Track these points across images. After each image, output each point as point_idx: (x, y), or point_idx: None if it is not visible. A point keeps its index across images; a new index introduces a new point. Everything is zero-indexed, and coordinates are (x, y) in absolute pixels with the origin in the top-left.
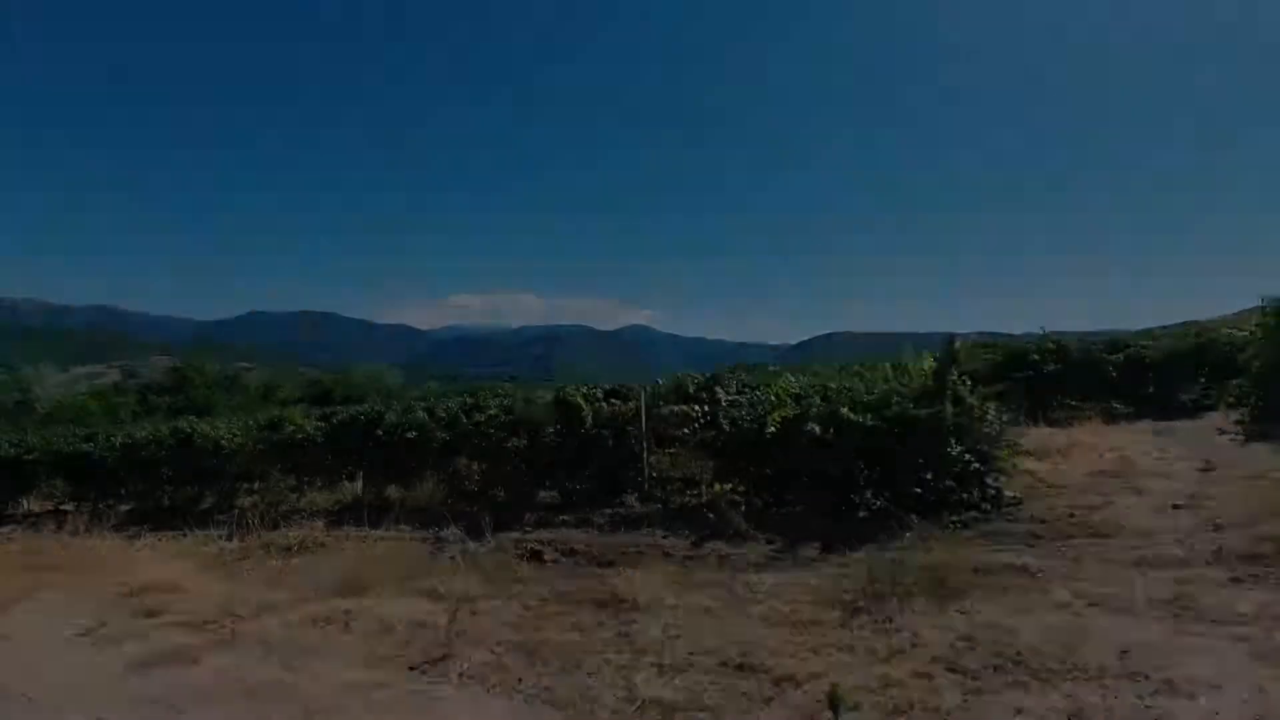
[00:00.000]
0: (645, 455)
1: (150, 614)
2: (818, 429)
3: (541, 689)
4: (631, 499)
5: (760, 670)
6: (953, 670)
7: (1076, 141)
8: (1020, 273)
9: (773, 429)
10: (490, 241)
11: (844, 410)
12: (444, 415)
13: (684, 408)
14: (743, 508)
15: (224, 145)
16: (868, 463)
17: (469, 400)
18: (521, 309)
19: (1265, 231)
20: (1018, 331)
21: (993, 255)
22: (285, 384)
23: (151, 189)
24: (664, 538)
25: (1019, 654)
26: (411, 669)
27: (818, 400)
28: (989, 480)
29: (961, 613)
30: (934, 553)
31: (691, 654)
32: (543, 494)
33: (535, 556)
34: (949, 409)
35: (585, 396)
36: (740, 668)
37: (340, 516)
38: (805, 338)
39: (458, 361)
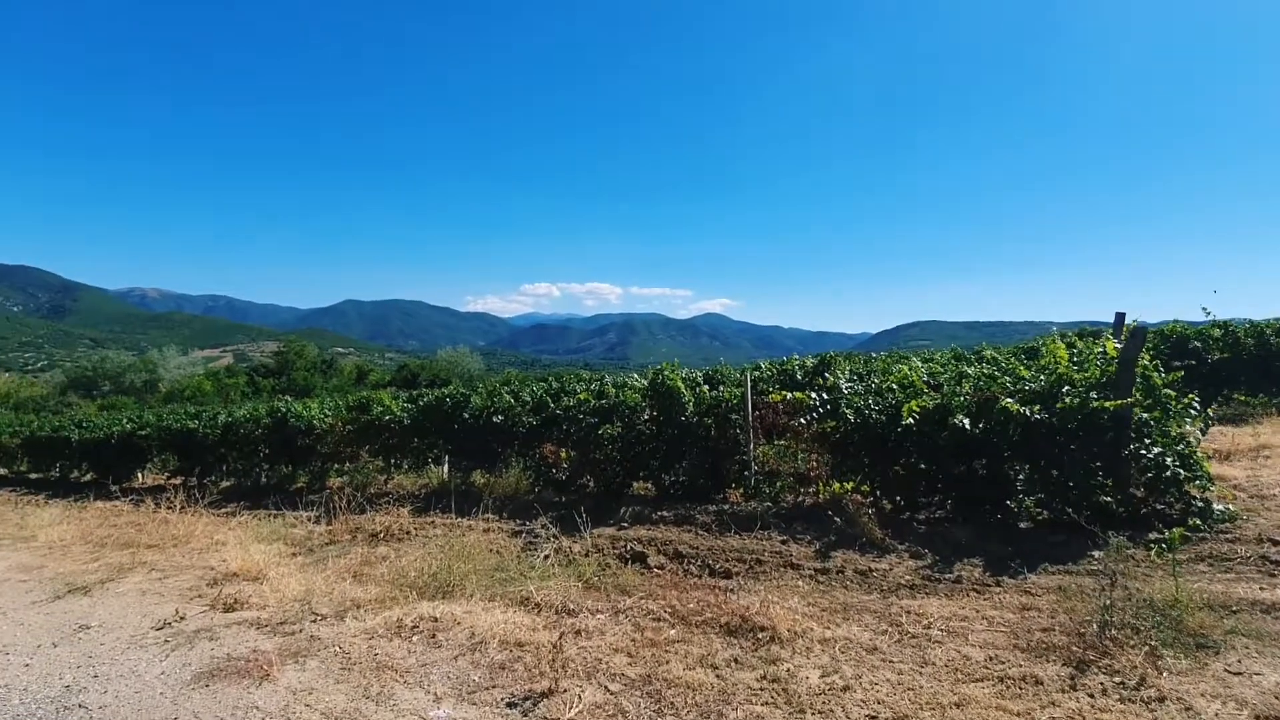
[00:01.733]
0: (752, 447)
1: (228, 608)
2: (966, 422)
3: None
4: (735, 495)
5: None
6: None
7: (1188, 118)
8: (1123, 258)
9: (909, 421)
10: (568, 231)
11: (1006, 401)
12: (529, 400)
13: (798, 394)
14: (869, 511)
15: (324, 146)
16: (1028, 464)
17: (555, 384)
18: (597, 297)
19: None
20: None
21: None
22: (376, 368)
23: (260, 189)
24: (783, 543)
25: None
26: (511, 705)
27: (965, 388)
28: (1192, 490)
29: (1235, 673)
30: (1151, 582)
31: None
32: (636, 486)
33: (638, 559)
34: (1139, 401)
35: (685, 381)
36: None
37: (427, 502)
38: (887, 326)
39: (534, 348)
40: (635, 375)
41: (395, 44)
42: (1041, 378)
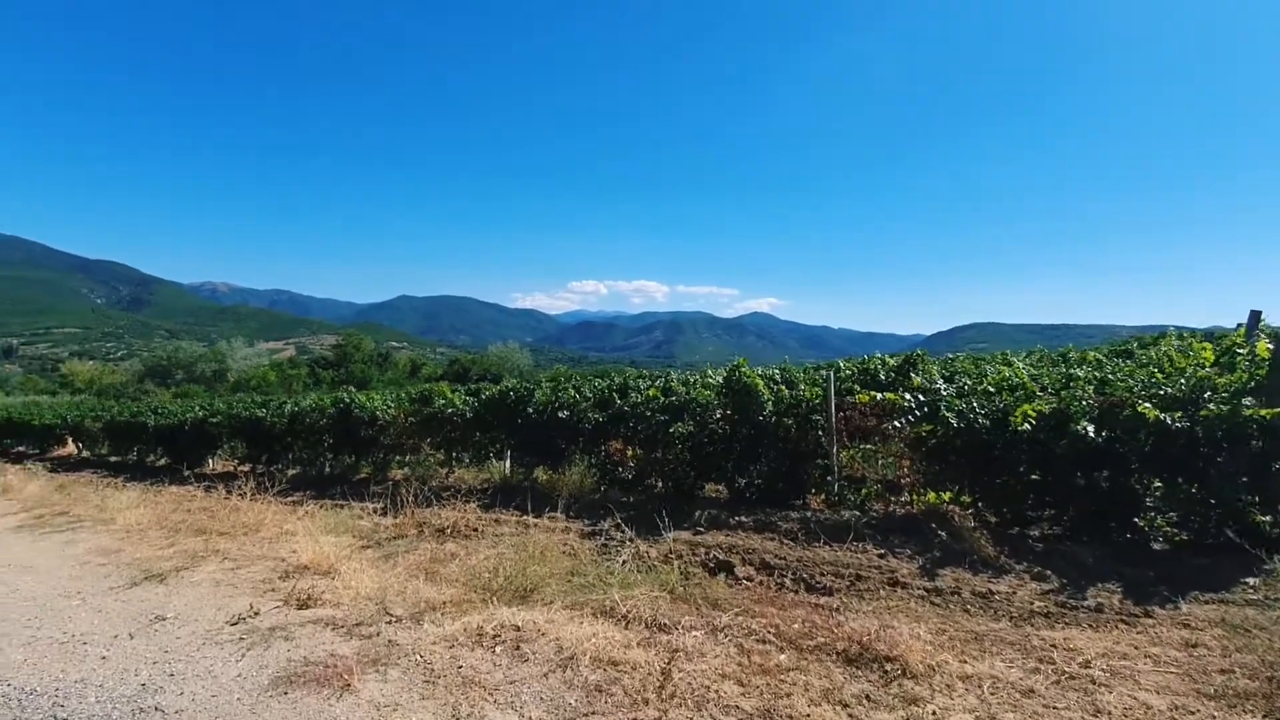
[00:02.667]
0: (835, 450)
1: (302, 604)
2: (1090, 429)
3: None
4: (816, 501)
5: None
6: None
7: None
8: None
9: (1025, 426)
10: (616, 229)
11: (1143, 406)
12: (590, 395)
13: (889, 395)
14: (977, 525)
15: (380, 143)
16: (1160, 477)
17: (617, 381)
18: (644, 295)
19: None
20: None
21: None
22: (428, 362)
23: (321, 187)
24: (880, 557)
25: None
26: None
27: (1088, 391)
28: None
29: None
30: None
31: None
32: (708, 488)
33: (724, 569)
34: None
35: (764, 379)
36: None
37: (492, 498)
38: (942, 328)
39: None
40: (678, 373)
41: (435, 42)
42: (1182, 380)
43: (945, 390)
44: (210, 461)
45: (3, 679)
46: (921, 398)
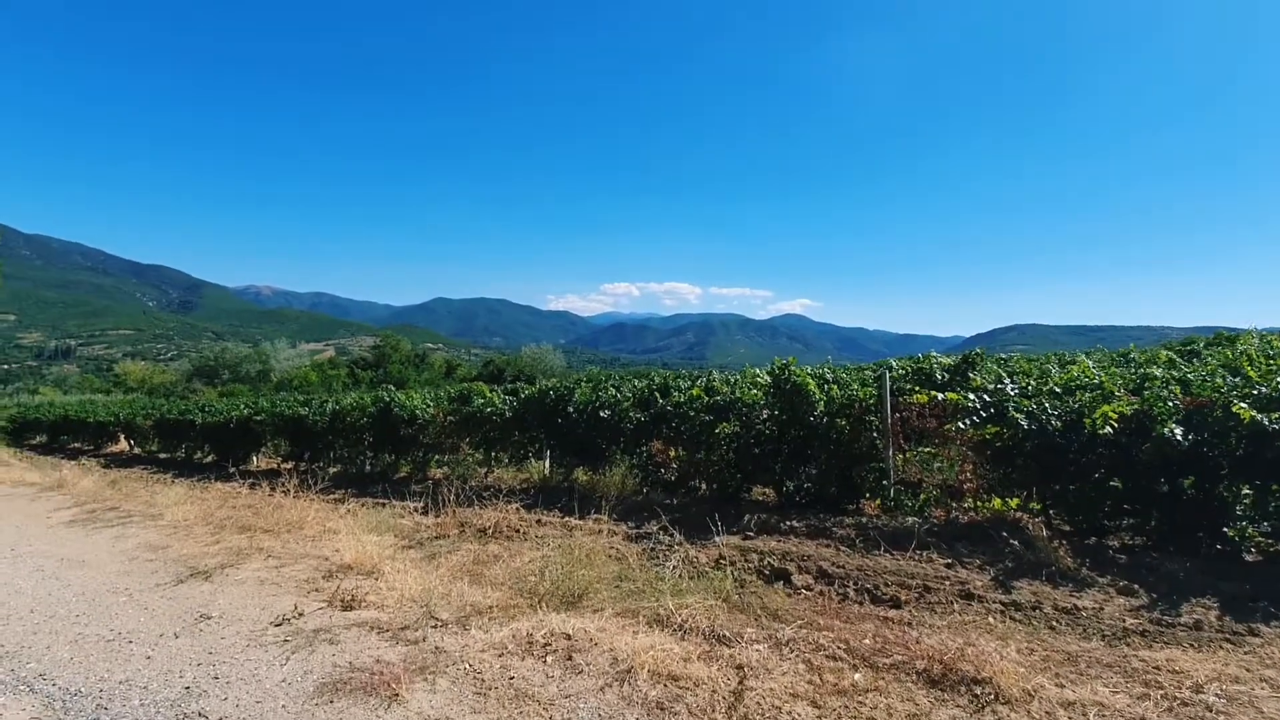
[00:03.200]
0: (890, 452)
1: (346, 605)
2: (1178, 432)
3: None
4: (870, 506)
5: None
6: None
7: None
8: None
9: (1106, 430)
10: (648, 230)
11: (1239, 406)
12: (630, 395)
13: (950, 395)
14: (1045, 533)
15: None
16: (1251, 484)
17: (656, 380)
18: (676, 297)
19: None
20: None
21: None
22: (463, 363)
23: (360, 188)
24: (948, 567)
25: None
26: None
27: (1175, 391)
28: None
29: None
30: None
31: None
32: (755, 491)
33: (780, 577)
34: None
35: (815, 378)
36: None
37: (533, 499)
38: (982, 330)
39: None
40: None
41: (468, 50)
42: (1279, 380)
43: (1012, 390)
44: (254, 459)
45: (49, 678)
46: (987, 398)
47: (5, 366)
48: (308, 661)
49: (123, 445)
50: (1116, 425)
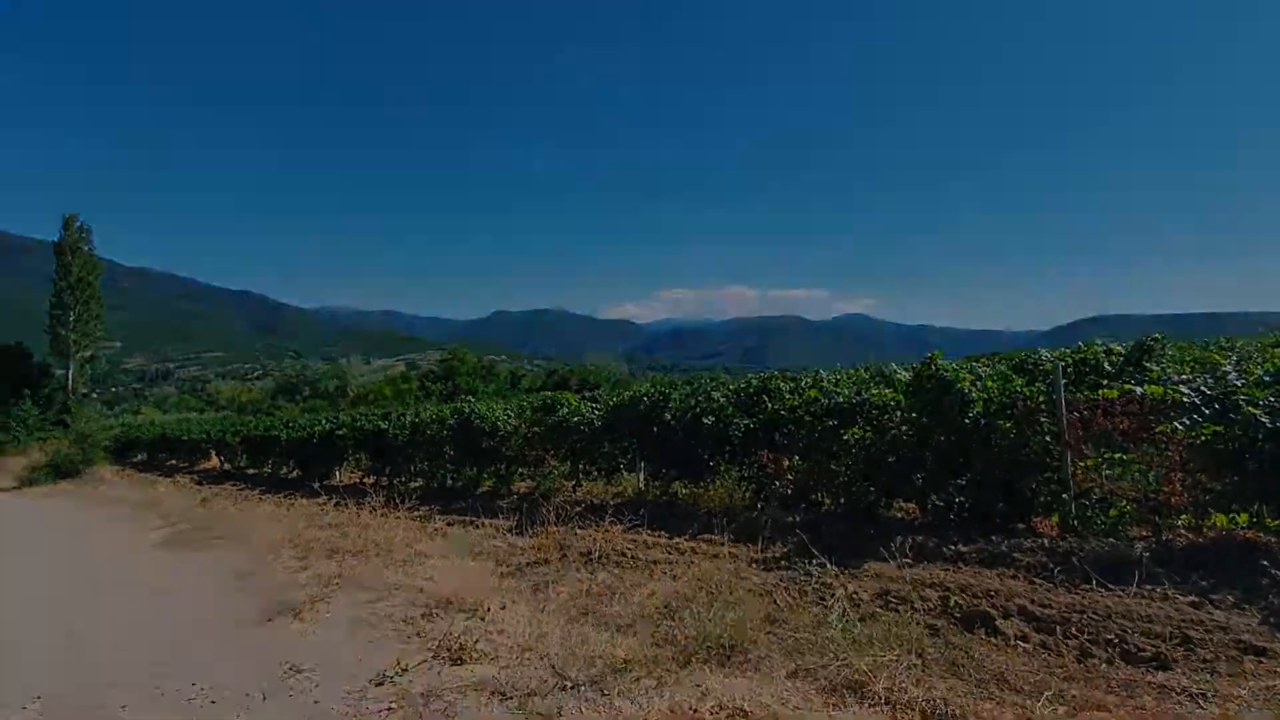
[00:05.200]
0: (1069, 460)
1: (455, 658)
2: None
3: None
4: (1044, 524)
5: None
6: None
7: None
8: None
9: None
10: (705, 235)
11: None
12: (722, 399)
13: (1153, 389)
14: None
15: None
16: None
17: (754, 381)
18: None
19: None
20: None
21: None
22: (527, 373)
23: (423, 208)
24: (1193, 607)
25: None
26: None
27: None
28: None
29: None
30: None
31: None
32: (894, 506)
33: (980, 620)
34: None
35: (970, 373)
36: None
37: (633, 515)
38: (1061, 323)
39: (669, 353)
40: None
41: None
42: None
43: (1236, 380)
44: (337, 473)
45: None
46: (1207, 391)
47: (113, 389)
48: None
49: (214, 461)
50: None
